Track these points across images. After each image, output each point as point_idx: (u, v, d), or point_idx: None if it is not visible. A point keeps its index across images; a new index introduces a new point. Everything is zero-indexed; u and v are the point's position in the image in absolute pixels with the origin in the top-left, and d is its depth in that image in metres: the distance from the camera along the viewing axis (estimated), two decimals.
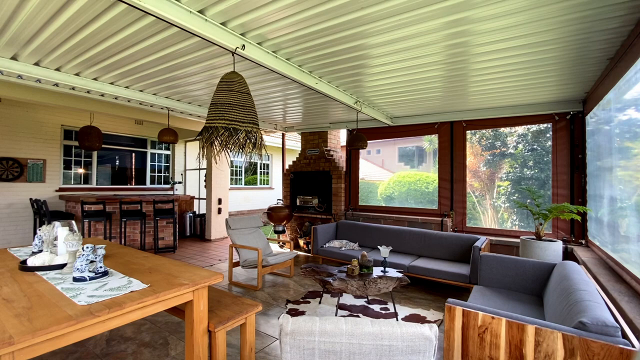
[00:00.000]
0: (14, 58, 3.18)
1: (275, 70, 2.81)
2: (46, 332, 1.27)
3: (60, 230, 2.26)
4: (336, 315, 2.98)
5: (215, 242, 7.19)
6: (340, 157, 6.38)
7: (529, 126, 4.64)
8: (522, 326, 1.63)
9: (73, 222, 2.37)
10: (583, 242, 4.04)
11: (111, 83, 3.95)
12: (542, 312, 2.43)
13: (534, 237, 3.79)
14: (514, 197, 4.79)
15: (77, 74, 3.65)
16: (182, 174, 8.76)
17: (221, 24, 2.25)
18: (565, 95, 3.89)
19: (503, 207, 5.06)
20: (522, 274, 2.96)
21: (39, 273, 2.02)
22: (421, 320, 3.20)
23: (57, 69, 3.49)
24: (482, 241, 3.87)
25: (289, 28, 2.34)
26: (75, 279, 1.81)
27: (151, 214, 6.17)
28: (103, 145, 7.00)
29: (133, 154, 8.00)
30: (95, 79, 3.79)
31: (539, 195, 3.96)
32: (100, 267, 1.93)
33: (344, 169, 6.08)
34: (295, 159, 6.78)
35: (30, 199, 5.79)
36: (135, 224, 6.07)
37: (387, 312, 3.37)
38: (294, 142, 10.65)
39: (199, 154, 2.24)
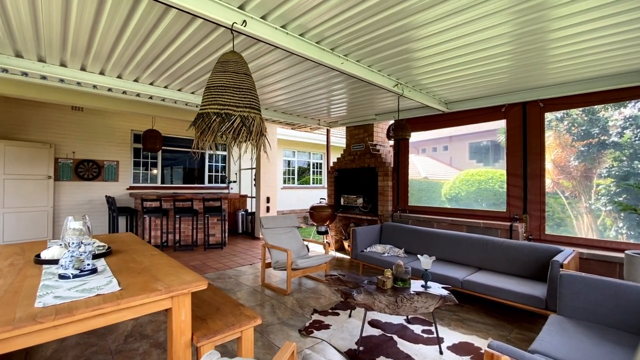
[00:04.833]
0: (101, 73, 3.57)
1: (286, 48, 2.46)
2: None
3: (70, 224, 2.28)
4: (361, 335, 2.51)
5: (263, 240, 7.20)
6: (388, 152, 5.75)
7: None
8: None
9: (87, 216, 2.37)
10: None
11: (179, 90, 4.22)
12: None
13: None
14: (620, 198, 3.65)
15: (151, 84, 3.96)
16: (236, 174, 9.08)
17: None
18: None
19: (604, 210, 3.91)
20: (626, 305, 2.08)
21: (44, 267, 2.02)
22: (474, 352, 2.52)
23: (135, 80, 3.83)
24: (565, 255, 2.95)
25: None
26: (60, 276, 1.73)
27: (202, 211, 6.43)
28: (167, 147, 7.63)
29: (193, 155, 8.54)
30: (165, 87, 4.09)
31: None
32: (88, 264, 1.83)
33: (392, 165, 5.45)
34: (339, 156, 6.38)
35: (106, 196, 6.53)
36: (188, 220, 6.39)
37: (430, 335, 2.75)
38: (341, 138, 10.22)
39: (193, 144, 2.03)
